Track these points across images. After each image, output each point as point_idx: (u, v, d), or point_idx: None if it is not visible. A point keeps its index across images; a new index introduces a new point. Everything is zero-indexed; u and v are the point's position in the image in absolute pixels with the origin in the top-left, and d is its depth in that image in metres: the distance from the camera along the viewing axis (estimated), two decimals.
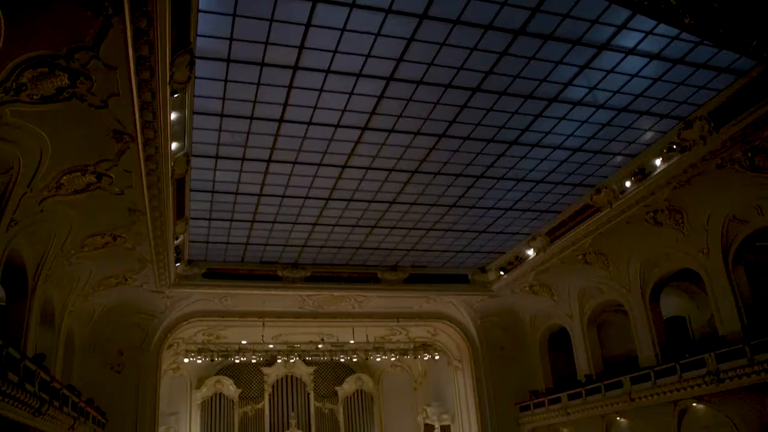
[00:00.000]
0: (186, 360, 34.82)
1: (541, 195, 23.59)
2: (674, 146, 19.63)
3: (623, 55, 16.08)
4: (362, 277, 29.82)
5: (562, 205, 24.55)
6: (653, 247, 24.18)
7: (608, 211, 22.81)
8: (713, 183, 20.14)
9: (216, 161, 19.47)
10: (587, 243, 25.10)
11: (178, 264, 25.59)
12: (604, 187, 22.44)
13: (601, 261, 26.12)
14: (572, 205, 24.36)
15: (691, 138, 18.99)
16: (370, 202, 23.09)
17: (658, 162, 20.37)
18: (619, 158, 21.32)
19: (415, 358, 37.98)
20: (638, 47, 15.83)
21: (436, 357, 36.67)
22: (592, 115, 18.70)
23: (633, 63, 16.46)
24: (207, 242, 25.64)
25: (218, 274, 27.87)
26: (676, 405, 22.96)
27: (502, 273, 29.88)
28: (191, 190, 20.70)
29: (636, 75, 16.93)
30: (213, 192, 21.48)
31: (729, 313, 21.49)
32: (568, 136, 19.70)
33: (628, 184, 21.63)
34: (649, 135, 20.08)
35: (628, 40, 15.57)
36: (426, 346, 36.80)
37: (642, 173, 21.06)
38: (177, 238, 22.97)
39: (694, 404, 22.41)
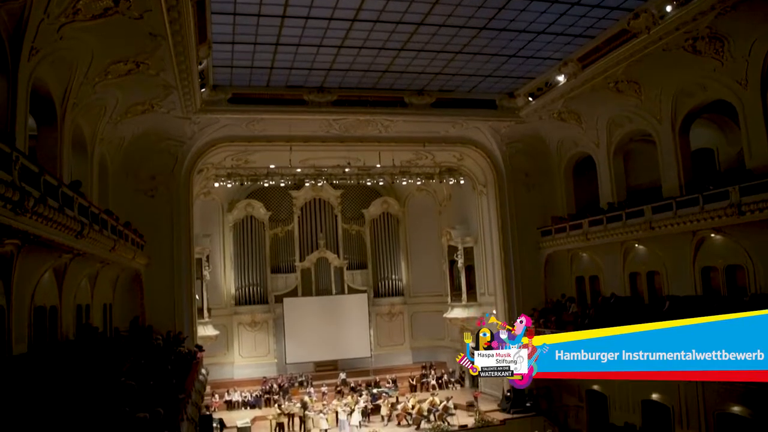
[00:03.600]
0: (216, 184, 35.80)
1: (576, 18, 22.26)
2: None
3: None
4: (389, 101, 29.43)
5: (597, 30, 23.28)
6: (688, 77, 23.22)
7: (645, 37, 21.64)
8: (761, 9, 18.84)
9: None
10: (620, 70, 24.20)
11: (203, 89, 25.40)
12: (643, 11, 21.07)
13: (633, 89, 25.31)
14: (607, 30, 23.08)
15: None
16: (397, 23, 22.04)
17: None
18: None
19: (441, 182, 38.57)
20: None
21: (461, 181, 37.23)
22: None
23: None
24: (231, 66, 25.14)
25: (244, 99, 27.66)
26: (694, 235, 23.31)
27: (530, 99, 29.30)
28: (212, 13, 19.96)
29: None
30: (235, 14, 20.62)
31: (759, 147, 21.00)
32: None
33: (668, 8, 20.31)
34: None
35: None
36: (451, 171, 37.19)
37: None
38: (201, 63, 22.61)
39: (713, 235, 22.75)
